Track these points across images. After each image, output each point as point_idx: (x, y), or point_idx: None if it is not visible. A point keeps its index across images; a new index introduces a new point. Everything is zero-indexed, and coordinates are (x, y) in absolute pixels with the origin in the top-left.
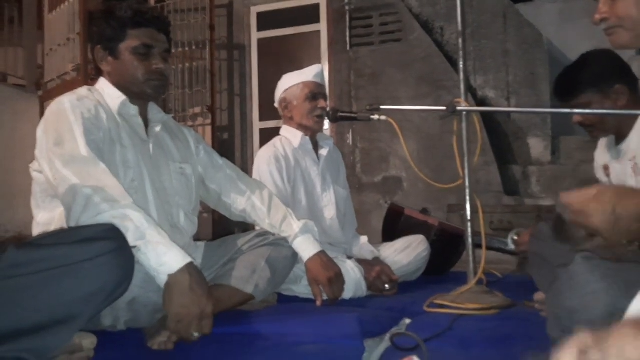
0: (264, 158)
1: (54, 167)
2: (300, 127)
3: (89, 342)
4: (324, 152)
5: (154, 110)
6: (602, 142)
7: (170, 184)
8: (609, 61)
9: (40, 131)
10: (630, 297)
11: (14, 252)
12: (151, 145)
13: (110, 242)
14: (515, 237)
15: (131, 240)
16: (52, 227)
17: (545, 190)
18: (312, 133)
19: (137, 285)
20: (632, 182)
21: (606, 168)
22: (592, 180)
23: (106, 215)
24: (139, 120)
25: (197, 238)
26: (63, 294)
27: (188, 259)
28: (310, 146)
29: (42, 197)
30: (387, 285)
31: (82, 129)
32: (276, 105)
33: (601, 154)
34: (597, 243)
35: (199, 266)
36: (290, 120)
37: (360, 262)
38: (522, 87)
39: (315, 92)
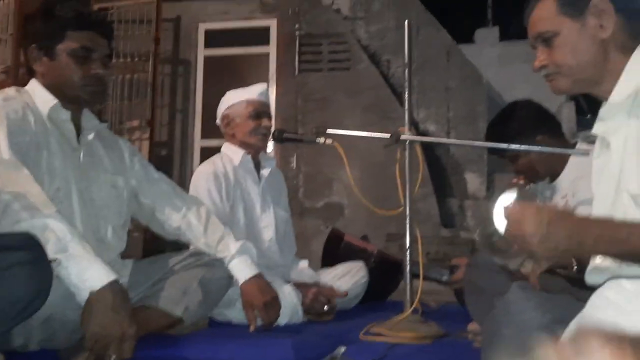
0: (202, 174)
1: None
2: (243, 145)
3: None
4: (265, 172)
5: (88, 117)
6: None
7: (99, 196)
8: (531, 113)
9: None
10: (562, 326)
11: None
12: (82, 154)
13: (26, 252)
14: (447, 276)
15: (51, 252)
16: None
17: (479, 224)
18: (255, 152)
19: (55, 302)
20: None
21: None
22: None
23: (25, 224)
24: (71, 126)
25: (125, 257)
26: None
27: (113, 276)
28: (251, 165)
29: None
30: (325, 307)
31: (6, 130)
32: (218, 121)
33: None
34: (521, 256)
35: (125, 285)
36: (232, 138)
37: (298, 285)
38: (461, 123)
39: (259, 111)
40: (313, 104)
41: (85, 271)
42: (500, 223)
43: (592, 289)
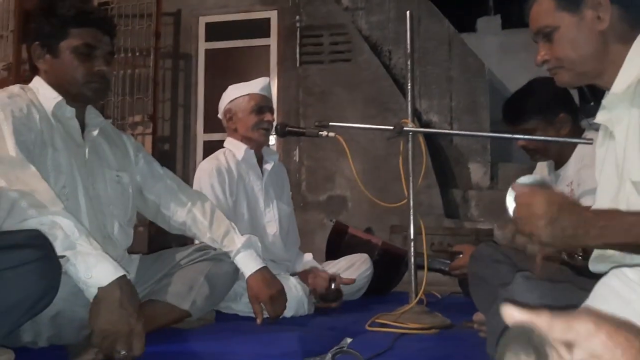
0: (205, 170)
1: None
2: (245, 139)
3: (5, 358)
4: (268, 166)
5: (91, 114)
6: (541, 167)
7: (105, 192)
8: (554, 89)
9: None
10: None
11: None
12: (87, 150)
13: (35, 250)
14: (448, 262)
15: (59, 249)
16: None
17: (483, 214)
18: (257, 146)
19: (63, 298)
20: None
21: None
22: None
23: (33, 222)
24: (75, 123)
25: (131, 252)
26: None
27: (120, 272)
28: (254, 160)
29: None
30: (333, 285)
31: (12, 128)
32: (220, 116)
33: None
34: (522, 241)
35: (132, 280)
36: (234, 133)
37: (302, 273)
38: (464, 113)
39: (261, 105)
40: (315, 97)
41: (93, 268)
42: (511, 206)
43: (596, 277)
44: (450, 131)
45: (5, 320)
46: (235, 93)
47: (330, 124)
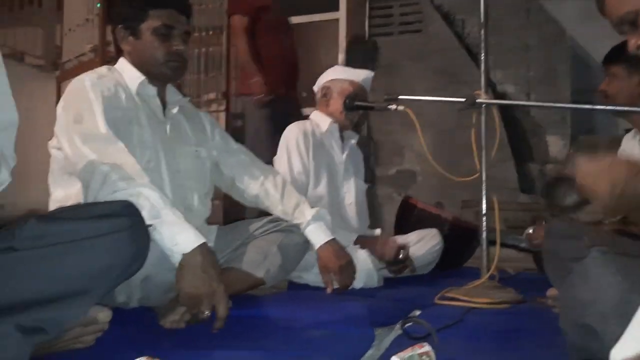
0: (292, 131)
1: (73, 144)
2: (332, 117)
3: (104, 315)
4: (349, 142)
5: (171, 92)
6: (628, 141)
7: (184, 166)
8: None
9: (60, 108)
10: None
11: (34, 224)
12: (168, 127)
13: (127, 218)
14: (530, 231)
15: (146, 218)
16: (69, 204)
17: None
18: (342, 127)
19: (151, 264)
20: None
21: None
22: None
23: (123, 193)
24: (157, 101)
25: (209, 223)
26: (79, 266)
27: (202, 240)
28: (337, 134)
29: (59, 174)
30: (401, 254)
31: (102, 107)
32: (315, 88)
33: (630, 147)
34: (588, 210)
35: (212, 248)
36: (324, 108)
37: (368, 242)
38: (542, 83)
39: (357, 94)
40: (383, 69)
41: (177, 235)
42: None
43: None
44: (526, 102)
45: (102, 282)
46: (339, 74)
47: (400, 97)
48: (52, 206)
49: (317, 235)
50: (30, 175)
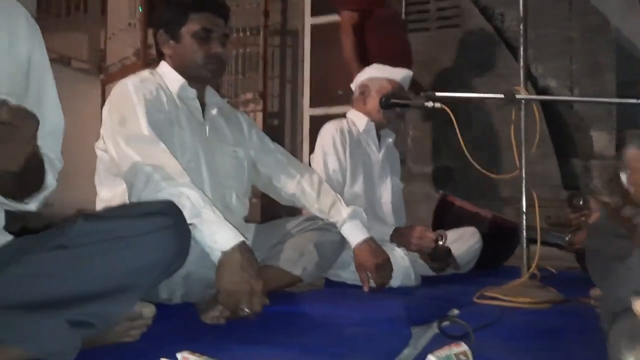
0: (329, 129)
1: (118, 146)
2: (368, 115)
3: (148, 310)
4: (386, 141)
5: (210, 93)
6: None
7: (223, 166)
8: None
9: (105, 111)
10: None
11: (83, 222)
12: (207, 128)
13: (169, 217)
14: (569, 236)
15: (188, 217)
16: (114, 204)
17: (608, 186)
18: (378, 126)
19: (192, 261)
20: None
21: None
22: None
23: (165, 193)
24: (197, 103)
25: (247, 221)
26: (125, 263)
27: (240, 238)
28: (374, 132)
29: (105, 175)
30: (440, 241)
31: (144, 109)
32: (352, 86)
33: None
34: (630, 212)
35: (250, 246)
36: (360, 106)
37: (402, 231)
38: (585, 76)
39: (395, 92)
40: (420, 65)
41: (216, 234)
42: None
43: None
44: (568, 98)
45: (146, 278)
46: (377, 72)
47: (437, 94)
48: (99, 205)
49: (354, 234)
50: (78, 175)
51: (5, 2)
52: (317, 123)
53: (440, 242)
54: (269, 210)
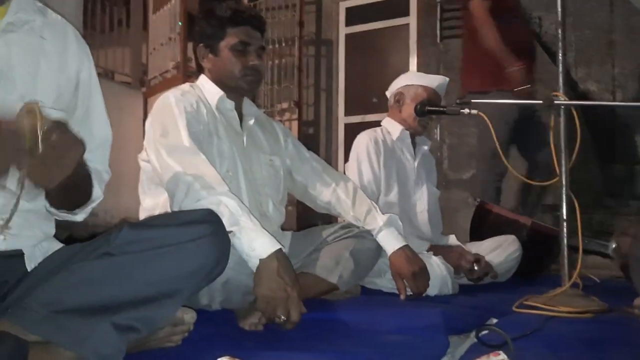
0: (363, 140)
1: (160, 156)
2: (403, 123)
3: (189, 316)
4: (422, 148)
5: (247, 104)
6: None
7: (260, 175)
8: None
9: (148, 123)
10: None
11: (128, 231)
12: (245, 138)
13: (210, 225)
14: (614, 245)
15: (226, 225)
16: (157, 212)
17: None
18: (413, 134)
19: (231, 268)
20: None
21: None
22: None
23: (204, 202)
24: (235, 114)
25: (283, 229)
26: (168, 270)
27: (277, 246)
28: (409, 140)
29: (148, 184)
30: (475, 266)
31: (185, 121)
32: (388, 94)
33: None
34: None
35: (287, 254)
36: (396, 114)
37: (439, 250)
38: (629, 80)
39: (430, 99)
40: (456, 72)
41: (254, 241)
42: None
43: None
44: (609, 103)
45: (188, 285)
46: (412, 80)
47: (473, 100)
48: (142, 214)
49: (390, 242)
50: (122, 185)
51: (55, 21)
52: (352, 131)
53: (476, 268)
54: (304, 217)
